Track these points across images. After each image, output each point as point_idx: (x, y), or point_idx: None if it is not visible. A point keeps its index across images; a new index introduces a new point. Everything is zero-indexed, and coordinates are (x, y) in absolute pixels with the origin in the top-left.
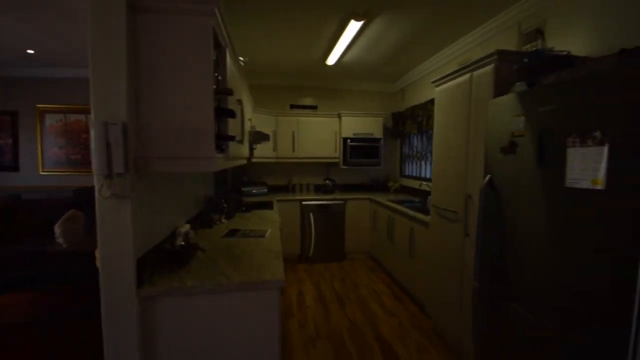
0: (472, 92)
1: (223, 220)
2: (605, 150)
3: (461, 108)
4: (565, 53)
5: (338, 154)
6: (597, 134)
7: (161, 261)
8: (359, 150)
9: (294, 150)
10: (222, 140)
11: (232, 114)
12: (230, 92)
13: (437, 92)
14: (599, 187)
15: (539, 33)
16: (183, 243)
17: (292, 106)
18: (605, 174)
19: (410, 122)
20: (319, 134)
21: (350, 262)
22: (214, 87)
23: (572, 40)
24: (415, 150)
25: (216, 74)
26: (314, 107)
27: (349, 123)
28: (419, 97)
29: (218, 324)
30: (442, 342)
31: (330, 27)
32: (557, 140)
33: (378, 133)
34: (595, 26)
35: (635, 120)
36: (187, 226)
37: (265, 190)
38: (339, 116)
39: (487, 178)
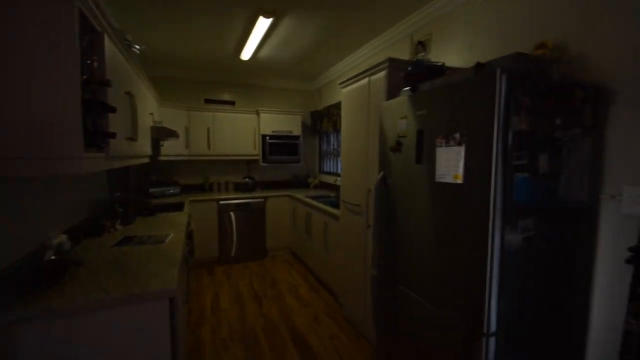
0: (370, 95)
1: (118, 226)
2: (463, 149)
3: (362, 109)
4: (440, 64)
5: (257, 151)
6: (457, 135)
7: (23, 281)
8: (278, 147)
9: (209, 147)
10: (99, 137)
11: (108, 108)
12: (107, 83)
13: (344, 94)
14: (459, 181)
15: (420, 44)
16: (54, 257)
17: (207, 101)
18: (463, 170)
19: (327, 121)
20: (237, 131)
21: (271, 260)
22: (84, 76)
23: (451, 53)
24: (332, 147)
25: (89, 62)
26: (231, 103)
27: (267, 120)
28: (333, 97)
29: (97, 347)
30: (352, 329)
31: (240, 21)
32: (430, 141)
33: (297, 131)
34: (467, 42)
35: (481, 124)
36: (63, 237)
37: (178, 190)
38: (258, 113)
39: (380, 174)
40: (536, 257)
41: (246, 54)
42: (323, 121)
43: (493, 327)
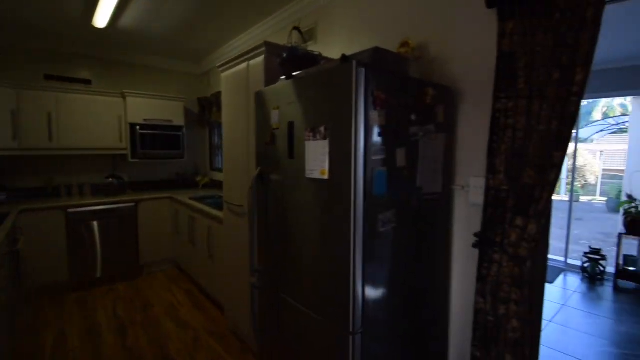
0: (250, 81)
1: None
2: (327, 143)
3: (242, 98)
4: (317, 53)
5: (125, 144)
6: (322, 128)
7: None
8: (153, 139)
9: (51, 138)
10: None
11: None
12: None
13: (223, 79)
14: (325, 176)
15: (296, 30)
16: None
17: (49, 77)
18: (329, 165)
19: (217, 110)
20: (95, 118)
21: (148, 277)
22: None
23: (335, 45)
24: None
25: None
26: (86, 82)
27: (138, 106)
28: None
29: None
30: (239, 344)
31: None
32: (300, 134)
33: (179, 120)
34: (348, 35)
35: (342, 117)
36: None
37: (4, 196)
38: (124, 96)
39: (257, 171)
40: (399, 248)
41: (100, 19)
42: (212, 110)
43: (359, 325)
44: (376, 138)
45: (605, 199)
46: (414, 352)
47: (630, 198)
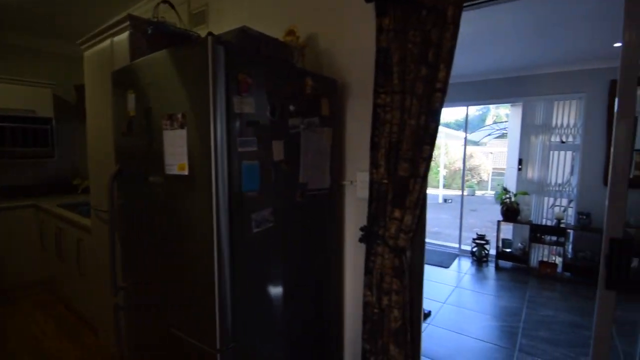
0: (115, 61)
1: None
2: (185, 133)
3: (106, 81)
4: (194, 34)
5: None
6: (179, 115)
7: None
8: (6, 134)
9: None
10: None
11: None
12: None
13: (86, 59)
14: (185, 172)
15: (166, 4)
16: None
17: None
18: (188, 159)
19: None
20: None
21: (7, 306)
22: None
23: (227, 29)
24: None
25: None
26: None
27: None
28: None
29: None
30: None
31: None
32: (158, 122)
33: (46, 110)
34: (242, 20)
35: (200, 103)
36: None
37: None
38: None
39: (115, 169)
40: (281, 249)
41: None
42: None
43: (229, 339)
44: (245, 128)
45: (493, 192)
46: (309, 357)
47: (506, 190)
